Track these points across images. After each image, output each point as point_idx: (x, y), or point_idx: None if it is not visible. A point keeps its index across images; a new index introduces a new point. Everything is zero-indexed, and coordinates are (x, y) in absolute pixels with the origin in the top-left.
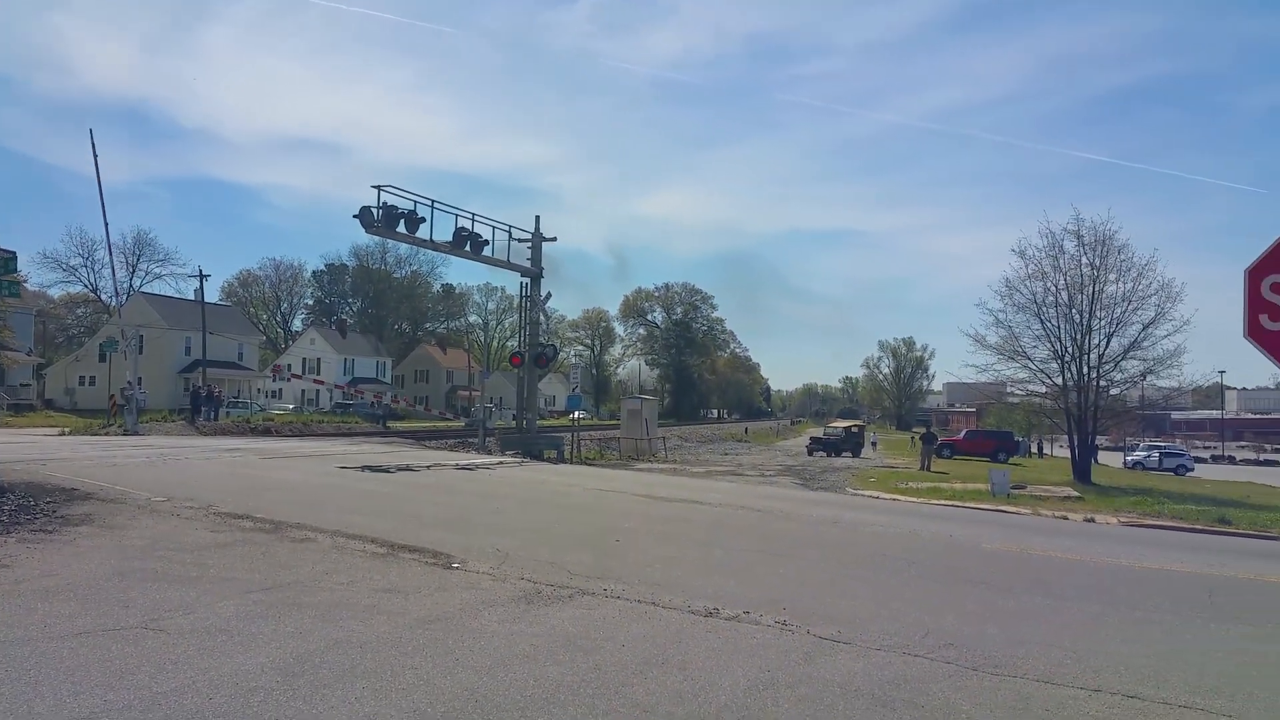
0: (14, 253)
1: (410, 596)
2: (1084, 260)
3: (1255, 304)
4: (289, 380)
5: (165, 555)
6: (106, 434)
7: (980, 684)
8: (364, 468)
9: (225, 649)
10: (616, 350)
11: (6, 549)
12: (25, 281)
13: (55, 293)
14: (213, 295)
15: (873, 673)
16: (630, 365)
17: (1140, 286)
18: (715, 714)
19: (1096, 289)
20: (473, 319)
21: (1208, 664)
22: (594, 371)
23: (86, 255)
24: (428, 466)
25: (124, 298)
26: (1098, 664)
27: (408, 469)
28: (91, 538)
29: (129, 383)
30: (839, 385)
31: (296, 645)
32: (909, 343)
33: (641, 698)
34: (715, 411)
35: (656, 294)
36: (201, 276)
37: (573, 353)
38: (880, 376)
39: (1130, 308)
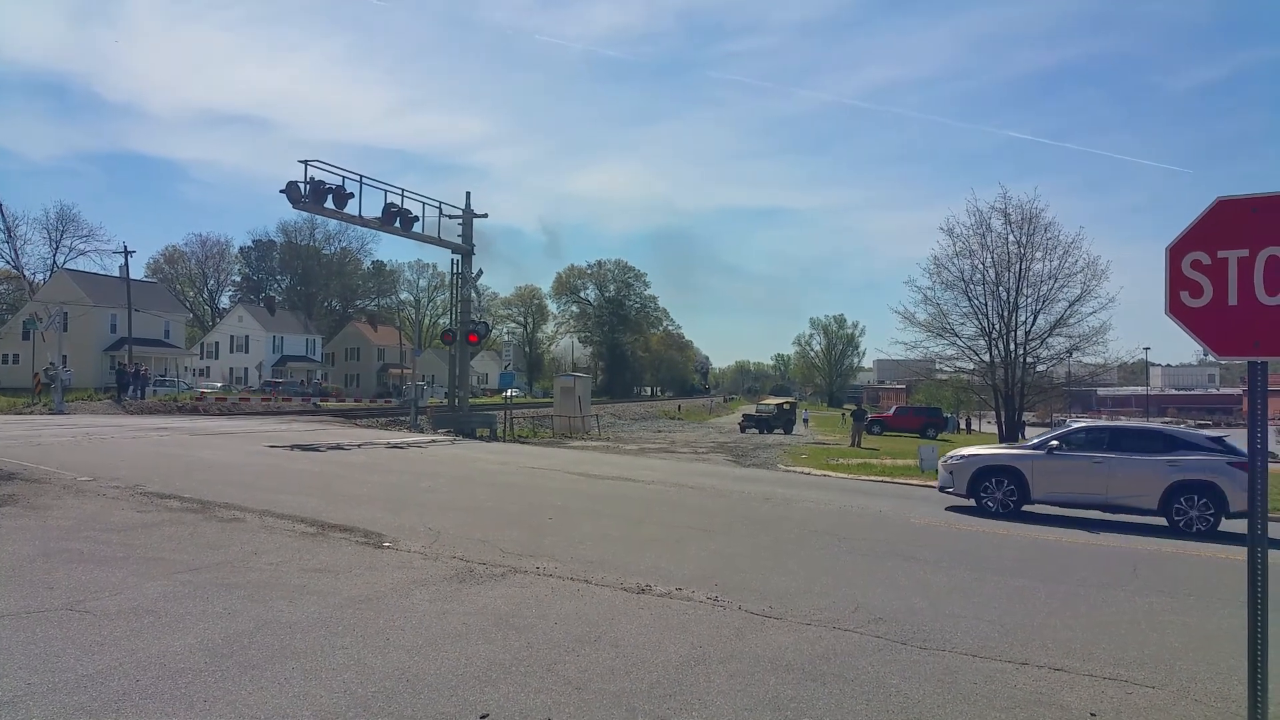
0: None
1: (341, 576)
2: (1011, 238)
3: (1176, 281)
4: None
5: (91, 536)
6: (31, 413)
7: (909, 658)
8: (294, 446)
9: (152, 630)
10: (549, 328)
11: None
12: None
13: None
14: (138, 272)
15: (803, 647)
16: (563, 343)
17: (1066, 264)
18: (647, 690)
19: (1023, 266)
20: (404, 296)
21: (1132, 636)
22: (527, 349)
23: (8, 231)
24: (359, 445)
25: (47, 274)
26: (1025, 637)
27: (338, 447)
28: (15, 518)
29: (52, 363)
30: (771, 362)
31: (225, 626)
32: (840, 320)
33: (573, 675)
34: (649, 389)
35: (590, 271)
36: (126, 253)
37: (505, 330)
38: (812, 354)
39: (1056, 285)
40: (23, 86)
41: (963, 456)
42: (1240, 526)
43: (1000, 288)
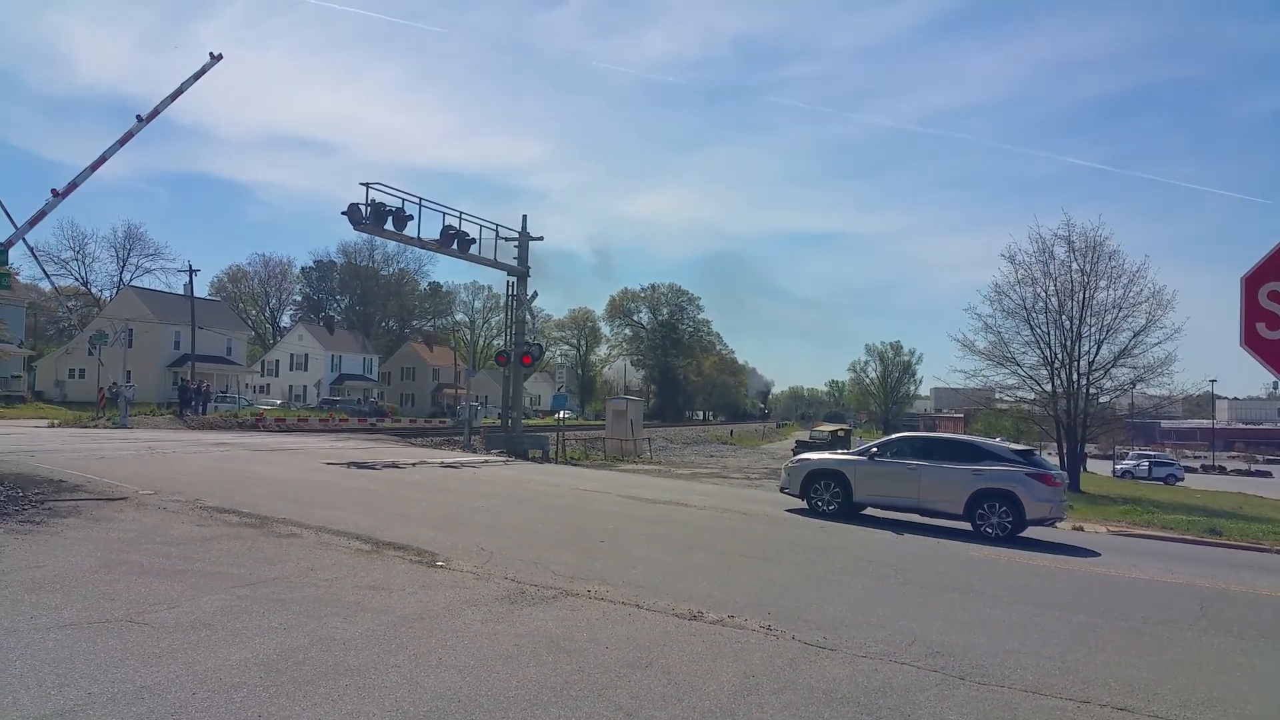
0: (5, 247)
1: (395, 594)
2: (1074, 266)
3: (1252, 312)
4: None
5: (151, 549)
6: (96, 426)
7: (967, 694)
8: (350, 464)
9: (209, 644)
10: (602, 350)
11: None
12: (17, 274)
13: (46, 286)
14: (202, 290)
15: (858, 680)
16: (616, 365)
17: (1131, 293)
18: (699, 718)
19: (1087, 295)
20: (459, 317)
21: (1199, 677)
22: (579, 371)
23: (78, 249)
24: (414, 464)
25: (114, 291)
26: (1087, 675)
27: (394, 466)
28: (79, 530)
29: (115, 383)
30: (825, 389)
31: (280, 641)
32: (896, 346)
33: (625, 701)
34: (701, 413)
35: (643, 295)
36: (191, 271)
37: (558, 352)
38: (867, 380)
39: (1121, 315)
40: (95, 108)
41: (799, 460)
42: (1039, 534)
43: (1063, 316)
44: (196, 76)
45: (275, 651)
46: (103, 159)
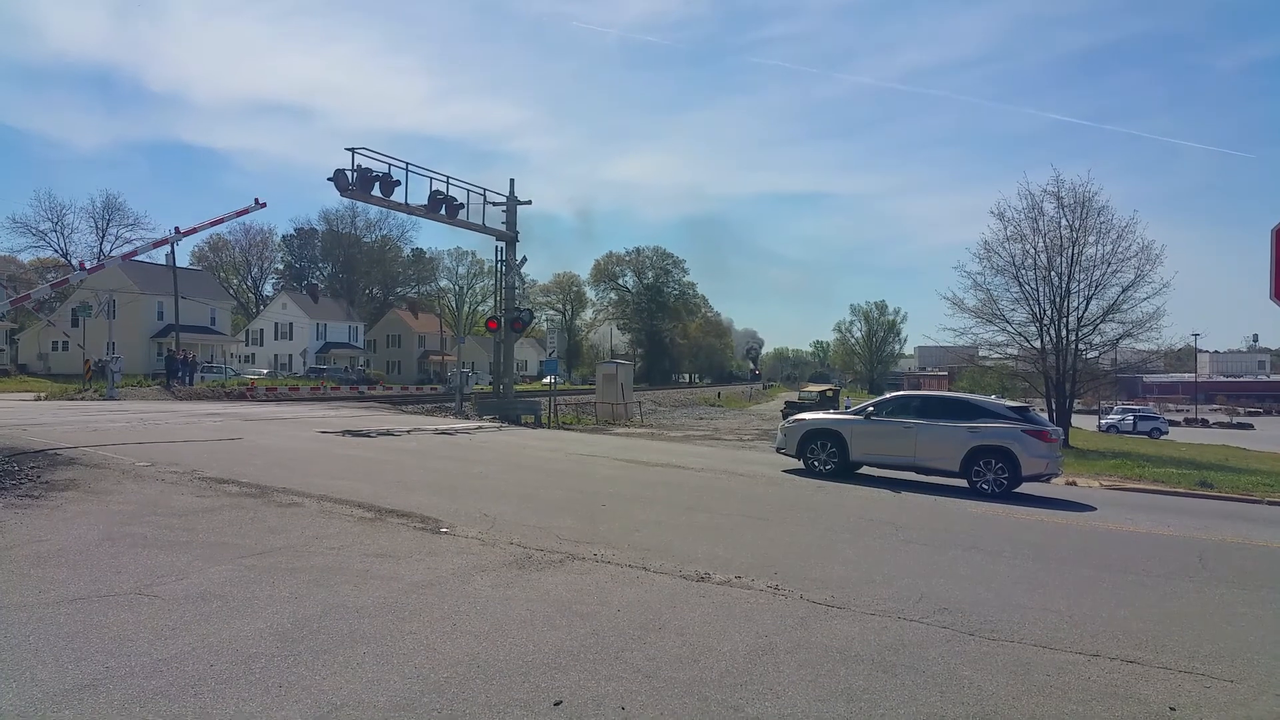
0: None
1: (402, 561)
2: (1064, 222)
3: None
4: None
5: (153, 520)
6: (83, 398)
7: (978, 649)
8: (345, 432)
9: (221, 615)
10: (588, 315)
11: None
12: None
13: (25, 258)
14: (183, 260)
15: (870, 638)
16: (602, 330)
17: (1120, 249)
18: (718, 679)
19: (1076, 251)
20: (444, 284)
21: (1205, 629)
22: (565, 336)
23: (56, 220)
24: (408, 431)
25: (93, 263)
26: (1094, 629)
27: (388, 434)
28: (78, 503)
29: (101, 358)
30: (810, 349)
31: (293, 611)
32: (881, 306)
33: (642, 663)
34: (687, 376)
35: (628, 258)
36: (174, 239)
37: (544, 317)
38: (852, 340)
39: (1110, 270)
40: (69, 78)
41: (794, 420)
42: (1034, 489)
43: (1052, 272)
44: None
45: (289, 621)
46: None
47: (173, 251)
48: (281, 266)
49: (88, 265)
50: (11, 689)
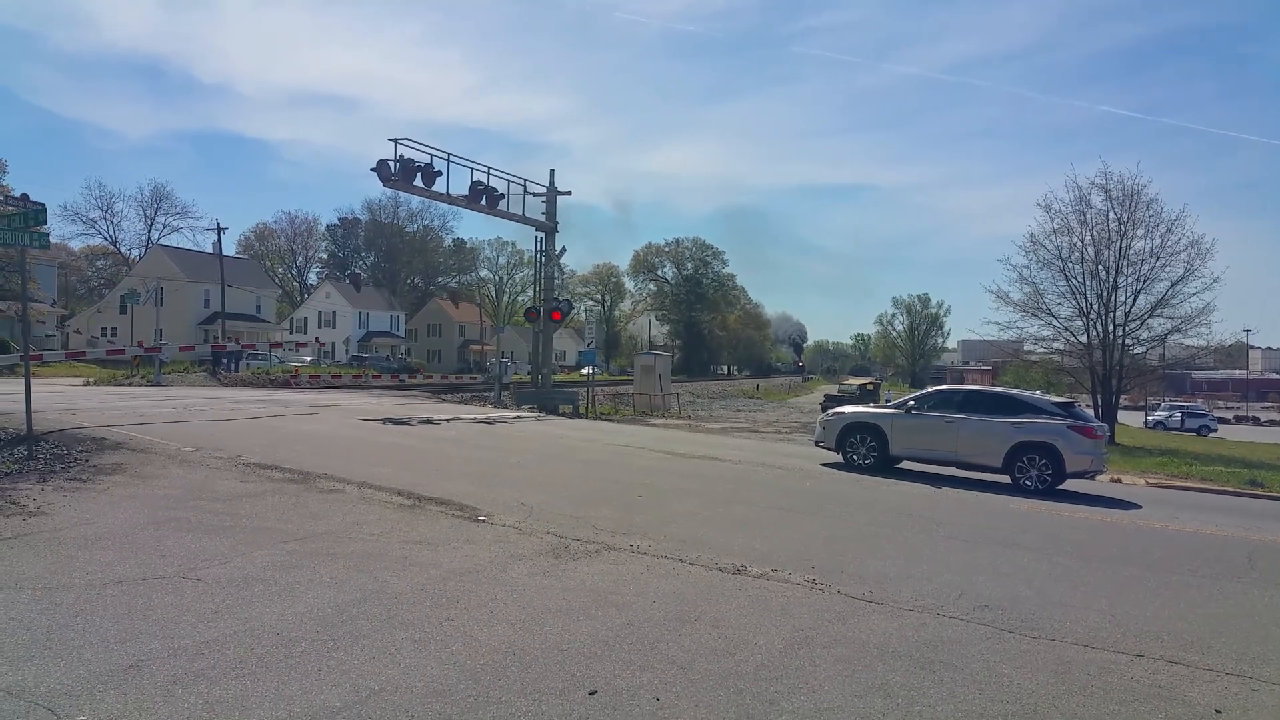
0: (43, 205)
1: (440, 549)
2: (1111, 215)
3: None
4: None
5: (198, 505)
6: (130, 384)
7: (1018, 647)
8: (385, 420)
9: (263, 599)
10: (626, 305)
11: (45, 497)
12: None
13: (76, 245)
14: (229, 249)
15: (908, 634)
16: (640, 321)
17: (1169, 243)
18: (753, 672)
19: (1124, 245)
20: (484, 274)
21: (1253, 630)
22: (604, 327)
23: (106, 208)
24: (447, 420)
25: (142, 250)
26: (1138, 628)
27: (428, 422)
28: (124, 487)
29: (147, 347)
30: (850, 342)
31: (333, 596)
32: (924, 299)
33: (677, 654)
34: (726, 368)
35: (667, 249)
36: (219, 229)
37: (583, 308)
38: (894, 333)
39: (1158, 264)
40: (119, 69)
41: (834, 413)
42: (1078, 486)
43: (1100, 266)
44: None
45: (329, 605)
46: None
47: (219, 239)
48: (325, 256)
49: (137, 254)
50: (60, 667)
